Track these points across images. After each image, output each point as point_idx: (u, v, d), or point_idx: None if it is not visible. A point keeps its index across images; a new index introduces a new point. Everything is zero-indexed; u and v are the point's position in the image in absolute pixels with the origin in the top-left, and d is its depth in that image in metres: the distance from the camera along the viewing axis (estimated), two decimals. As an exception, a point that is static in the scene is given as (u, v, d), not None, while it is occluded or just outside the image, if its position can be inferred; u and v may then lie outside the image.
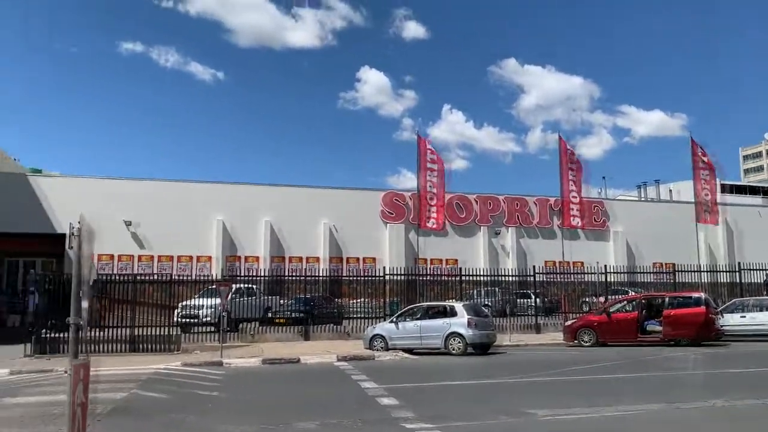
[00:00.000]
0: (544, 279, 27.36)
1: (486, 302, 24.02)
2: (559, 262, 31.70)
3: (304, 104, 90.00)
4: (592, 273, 25.81)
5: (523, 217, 34.96)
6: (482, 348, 18.31)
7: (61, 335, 19.55)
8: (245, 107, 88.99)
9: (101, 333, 19.37)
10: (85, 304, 4.10)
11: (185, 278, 24.78)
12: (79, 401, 4.03)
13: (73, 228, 20.24)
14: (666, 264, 29.32)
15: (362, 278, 25.96)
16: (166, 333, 20.40)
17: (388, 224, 32.40)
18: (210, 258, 30.06)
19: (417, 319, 18.95)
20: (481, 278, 25.85)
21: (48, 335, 19.46)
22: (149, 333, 20.21)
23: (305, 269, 28.22)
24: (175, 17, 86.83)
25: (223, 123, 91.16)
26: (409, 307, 20.68)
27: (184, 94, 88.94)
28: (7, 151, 39.72)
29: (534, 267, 26.09)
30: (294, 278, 25.74)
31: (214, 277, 24.84)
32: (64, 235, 28.06)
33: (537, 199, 35.44)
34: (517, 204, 35.00)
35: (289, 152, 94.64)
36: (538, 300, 25.62)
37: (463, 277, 24.99)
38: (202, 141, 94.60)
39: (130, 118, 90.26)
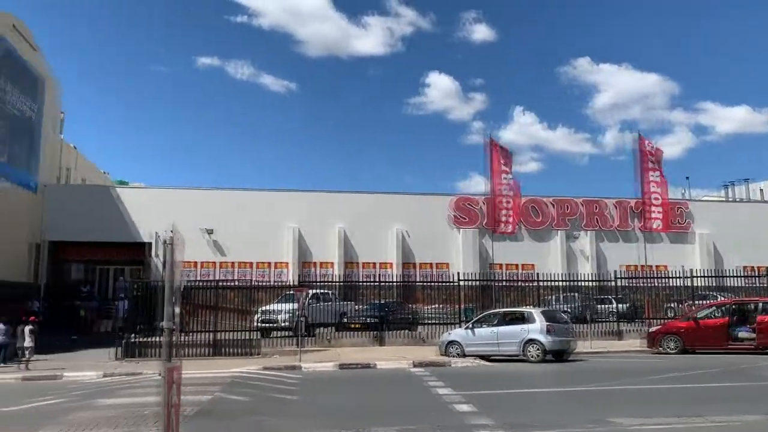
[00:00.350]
0: (625, 284, 26.40)
1: (564, 308, 23.41)
2: (640, 267, 30.52)
3: (371, 111, 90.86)
4: (677, 277, 24.67)
5: (602, 219, 33.89)
6: (561, 355, 17.84)
7: (148, 339, 20.48)
8: (315, 116, 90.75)
9: (185, 337, 20.08)
10: (177, 309, 4.26)
11: (264, 284, 25.41)
12: (172, 402, 4.19)
13: (160, 236, 21.21)
14: (759, 267, 27.72)
15: (436, 284, 25.85)
16: (247, 337, 20.98)
17: (460, 229, 32.15)
18: (286, 264, 30.70)
19: (493, 325, 18.68)
20: (559, 283, 25.21)
21: (136, 340, 20.42)
22: (231, 337, 20.84)
23: (378, 275, 28.40)
24: (249, 31, 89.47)
25: (295, 132, 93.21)
26: (484, 313, 20.42)
27: (257, 106, 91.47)
28: (98, 164, 42.13)
29: (615, 271, 25.22)
30: (368, 284, 25.94)
31: (290, 283, 25.35)
32: (148, 243, 29.48)
33: (616, 201, 34.29)
34: (594, 206, 33.98)
35: (358, 159, 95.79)
36: (619, 306, 24.74)
37: (540, 283, 24.46)
38: (275, 150, 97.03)
39: (207, 130, 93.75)
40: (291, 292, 22.39)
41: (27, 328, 18.98)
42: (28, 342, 18.69)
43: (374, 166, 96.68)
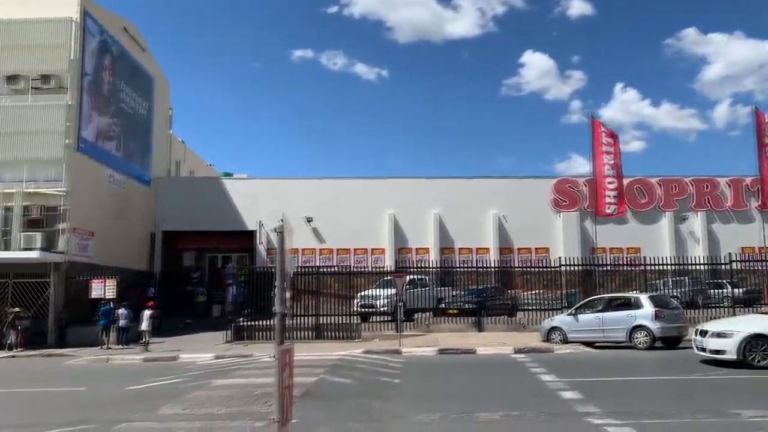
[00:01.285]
0: (741, 267, 24.72)
1: (674, 293, 22.27)
2: (759, 248, 28.48)
3: (466, 94, 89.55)
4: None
5: (714, 199, 31.82)
6: (671, 342, 17.02)
7: (255, 323, 21.45)
8: (408, 103, 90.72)
9: (289, 321, 20.82)
10: (288, 294, 4.41)
11: (362, 270, 25.87)
12: (285, 384, 4.36)
13: (264, 225, 21.96)
14: None
15: (536, 269, 25.30)
16: (347, 322, 21.49)
17: (560, 213, 31.25)
18: (383, 250, 31.09)
19: (598, 311, 18.09)
20: (667, 267, 23.97)
21: (244, 323, 21.44)
22: (332, 322, 21.43)
23: (475, 260, 28.14)
24: (341, 21, 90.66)
25: (389, 120, 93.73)
26: (589, 298, 19.81)
27: (351, 95, 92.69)
28: (204, 157, 44.33)
29: (729, 254, 23.67)
30: (465, 269, 25.80)
31: (387, 269, 25.64)
32: (253, 232, 30.77)
33: (729, 180, 32.08)
34: (705, 186, 31.96)
35: (453, 143, 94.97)
36: (735, 290, 23.22)
37: (647, 267, 23.38)
38: (370, 138, 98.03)
39: (304, 121, 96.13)
40: (389, 277, 22.66)
41: (146, 313, 20.39)
42: (145, 326, 20.09)
43: (470, 151, 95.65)
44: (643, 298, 17.69)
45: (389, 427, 8.24)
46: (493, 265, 25.97)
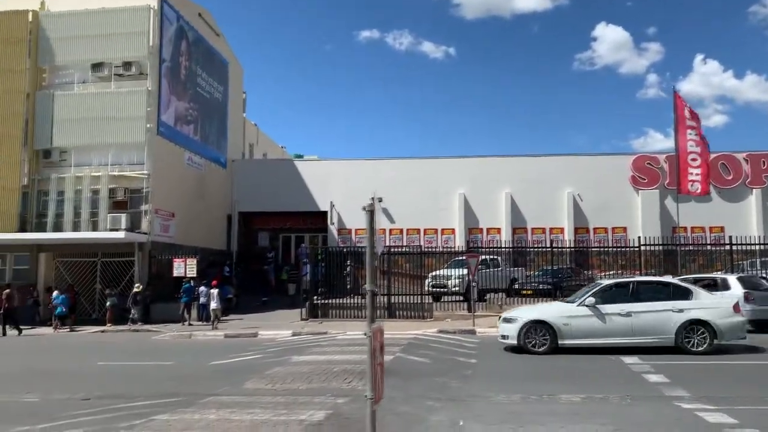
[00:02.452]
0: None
1: (763, 275, 21.10)
2: None
3: (536, 71, 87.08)
4: None
5: (807, 176, 29.83)
6: (763, 325, 16.14)
7: (329, 301, 21.83)
8: (476, 80, 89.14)
9: (362, 300, 21.06)
10: (376, 274, 4.41)
11: (433, 250, 25.81)
12: (377, 361, 4.38)
13: (335, 205, 22.25)
14: None
15: (613, 249, 24.52)
16: (419, 301, 21.53)
17: (639, 190, 30.06)
18: (453, 230, 30.85)
19: (681, 292, 17.33)
20: (756, 247, 22.72)
21: (319, 301, 21.85)
22: (404, 301, 21.54)
23: (549, 240, 27.52)
24: (406, 0, 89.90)
25: (457, 98, 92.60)
26: (670, 279, 19.03)
27: (418, 74, 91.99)
28: (276, 140, 45.19)
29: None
30: (538, 249, 25.32)
31: (457, 249, 25.46)
32: (325, 212, 31.20)
33: (824, 154, 29.96)
34: (798, 161, 30.00)
35: (523, 121, 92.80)
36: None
37: (734, 247, 22.25)
38: (439, 118, 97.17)
39: (372, 102, 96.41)
40: (461, 258, 22.52)
41: (214, 292, 21.07)
42: (214, 304, 20.76)
43: (541, 129, 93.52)
44: (732, 279, 16.85)
45: (469, 407, 8.20)
46: (568, 245, 25.34)
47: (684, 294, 12.96)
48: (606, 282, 14.21)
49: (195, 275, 22.56)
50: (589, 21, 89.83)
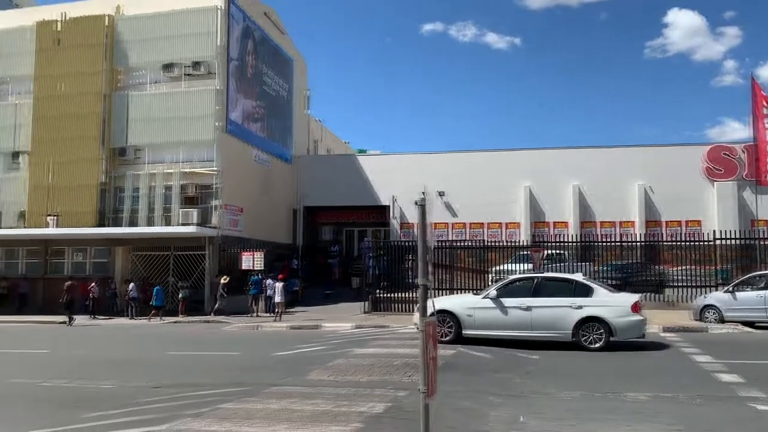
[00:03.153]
0: None
1: None
2: None
3: (605, 60, 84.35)
4: None
5: None
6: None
7: (391, 295, 21.94)
8: (542, 71, 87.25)
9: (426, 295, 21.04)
10: (430, 267, 4.42)
11: (496, 244, 25.52)
12: (430, 355, 4.39)
13: (397, 199, 22.31)
14: None
15: (686, 243, 23.55)
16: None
17: (714, 182, 28.74)
18: (518, 225, 30.39)
19: (760, 288, 16.55)
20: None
21: (381, 295, 22.01)
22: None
23: (618, 234, 26.70)
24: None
25: (522, 89, 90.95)
26: (750, 275, 18.17)
27: (482, 66, 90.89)
28: (341, 135, 45.70)
29: None
30: (607, 244, 24.61)
31: (523, 243, 25.06)
32: (387, 206, 31.34)
33: None
34: None
35: (591, 112, 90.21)
36: None
37: (818, 240, 20.98)
38: (502, 109, 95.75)
39: (435, 95, 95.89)
40: (525, 252, 22.17)
41: (278, 285, 21.55)
42: (278, 297, 21.24)
43: (609, 119, 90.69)
44: None
45: (531, 402, 8.10)
46: (638, 239, 24.53)
47: (585, 291, 13.10)
48: (512, 277, 14.77)
49: (262, 268, 23.13)
50: (660, 6, 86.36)
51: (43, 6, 29.70)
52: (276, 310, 21.20)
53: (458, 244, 25.34)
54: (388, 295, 22.01)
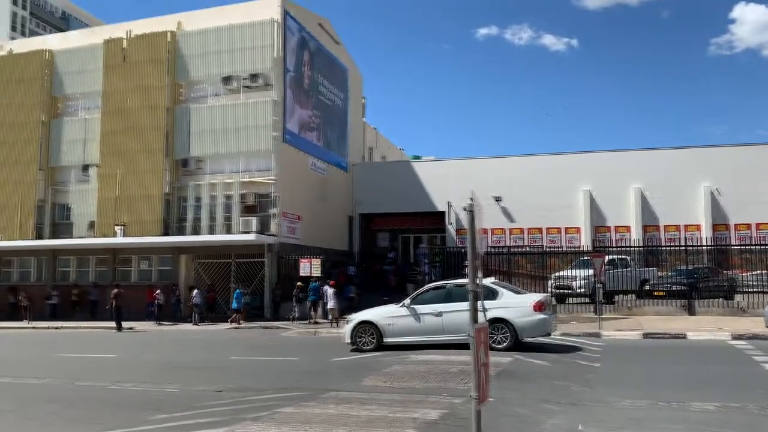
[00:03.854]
0: None
1: None
2: None
3: (667, 58, 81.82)
4: None
5: None
6: None
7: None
8: (601, 72, 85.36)
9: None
10: (479, 273, 4.40)
11: (556, 250, 25.05)
12: (482, 362, 4.36)
13: (453, 205, 22.34)
14: None
15: (758, 247, 22.49)
16: (541, 303, 20.96)
17: (791, 183, 27.35)
18: (578, 229, 29.77)
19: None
20: None
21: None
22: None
23: (683, 238, 25.81)
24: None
25: (581, 91, 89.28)
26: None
27: (538, 69, 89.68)
28: (395, 142, 45.90)
29: None
30: (671, 248, 23.80)
31: (583, 248, 24.53)
32: (443, 212, 31.23)
33: None
34: None
35: (653, 113, 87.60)
36: None
37: None
38: (560, 112, 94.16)
39: (490, 100, 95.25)
40: (585, 258, 21.69)
41: (329, 291, 21.76)
42: (331, 303, 21.45)
43: (671, 119, 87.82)
44: None
45: (590, 411, 7.90)
46: (705, 243, 23.62)
47: (491, 295, 13.55)
48: (427, 285, 15.99)
49: (320, 275, 23.42)
50: (726, 2, 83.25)
51: (110, 25, 31.03)
52: (330, 316, 21.42)
53: (516, 249, 25.00)
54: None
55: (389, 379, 10.40)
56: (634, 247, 24.27)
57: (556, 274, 22.70)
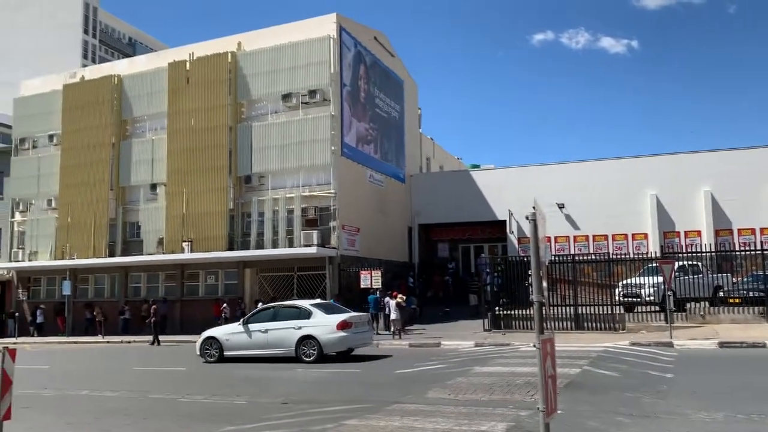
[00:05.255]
0: None
1: None
2: None
3: (735, 55, 78.47)
4: None
5: None
6: None
7: (512, 312, 21.49)
8: (665, 72, 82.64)
9: (547, 311, 20.44)
10: (544, 283, 4.32)
11: (622, 257, 24.31)
12: (549, 373, 4.27)
13: (513, 214, 21.94)
14: None
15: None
16: (609, 312, 20.41)
17: None
18: (645, 235, 28.81)
19: None
20: None
21: (501, 312, 21.61)
22: (592, 311, 20.53)
23: (759, 242, 24.58)
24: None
25: (643, 93, 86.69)
26: None
27: (597, 72, 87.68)
28: (452, 151, 45.72)
29: None
30: (748, 252, 22.69)
31: (651, 255, 23.71)
32: (504, 221, 30.84)
33: None
34: None
35: (721, 112, 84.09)
36: None
37: None
38: (623, 115, 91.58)
39: (548, 106, 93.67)
40: (654, 264, 20.95)
41: (392, 303, 21.72)
42: (394, 315, 21.40)
43: (743, 119, 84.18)
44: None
45: (663, 423, 7.60)
46: (785, 247, 22.41)
47: (307, 315, 15.94)
48: (260, 306, 19.13)
49: (380, 287, 23.48)
50: (799, -8, 79.31)
51: (174, 48, 32.27)
52: (392, 327, 21.42)
53: (581, 257, 24.38)
54: (509, 312, 21.59)
55: (454, 392, 10.31)
56: (706, 252, 23.26)
57: (624, 282, 22.00)
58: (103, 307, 28.72)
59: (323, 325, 15.65)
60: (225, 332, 16.85)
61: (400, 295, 23.30)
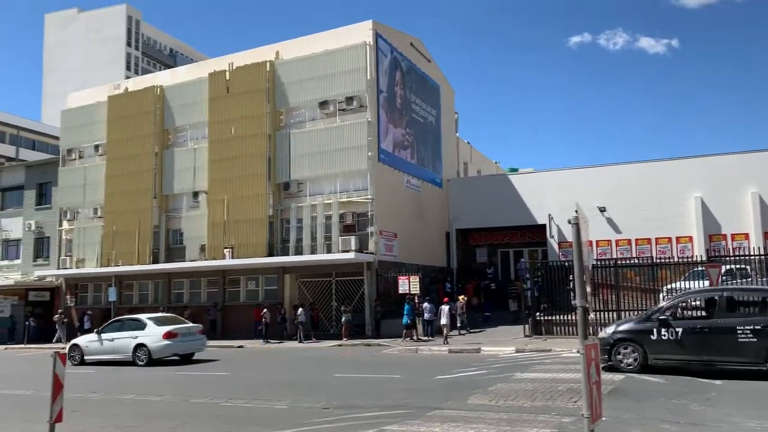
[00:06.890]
0: None
1: None
2: None
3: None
4: None
5: None
6: None
7: (553, 318, 21.18)
8: (707, 71, 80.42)
9: (590, 316, 20.08)
10: (587, 288, 4.25)
11: (666, 261, 23.75)
12: (593, 379, 4.20)
13: (553, 218, 21.61)
14: None
15: None
16: (653, 317, 19.91)
17: None
18: (690, 238, 28.07)
19: None
20: None
21: (542, 318, 21.32)
22: (635, 317, 20.06)
23: (812, 244, 23.65)
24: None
25: (686, 94, 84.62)
26: None
27: (637, 73, 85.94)
28: (490, 156, 45.41)
29: None
30: (798, 255, 21.88)
31: (697, 258, 23.08)
32: (543, 225, 30.44)
33: None
34: None
35: (765, 111, 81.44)
36: None
37: None
38: (665, 117, 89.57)
39: (586, 109, 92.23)
40: (700, 268, 20.42)
41: (444, 309, 21.63)
42: (444, 320, 21.32)
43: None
44: None
45: (713, 433, 7.39)
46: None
47: (142, 327, 19.30)
48: (112, 320, 21.60)
49: (418, 292, 23.39)
50: None
51: (213, 58, 32.87)
52: (443, 332, 21.37)
53: (624, 261, 23.89)
54: (550, 317, 21.29)
55: (495, 398, 10.22)
56: (755, 255, 22.54)
57: (668, 286, 21.47)
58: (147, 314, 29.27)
59: (153, 335, 18.90)
60: (86, 340, 20.38)
61: (462, 297, 23.36)
